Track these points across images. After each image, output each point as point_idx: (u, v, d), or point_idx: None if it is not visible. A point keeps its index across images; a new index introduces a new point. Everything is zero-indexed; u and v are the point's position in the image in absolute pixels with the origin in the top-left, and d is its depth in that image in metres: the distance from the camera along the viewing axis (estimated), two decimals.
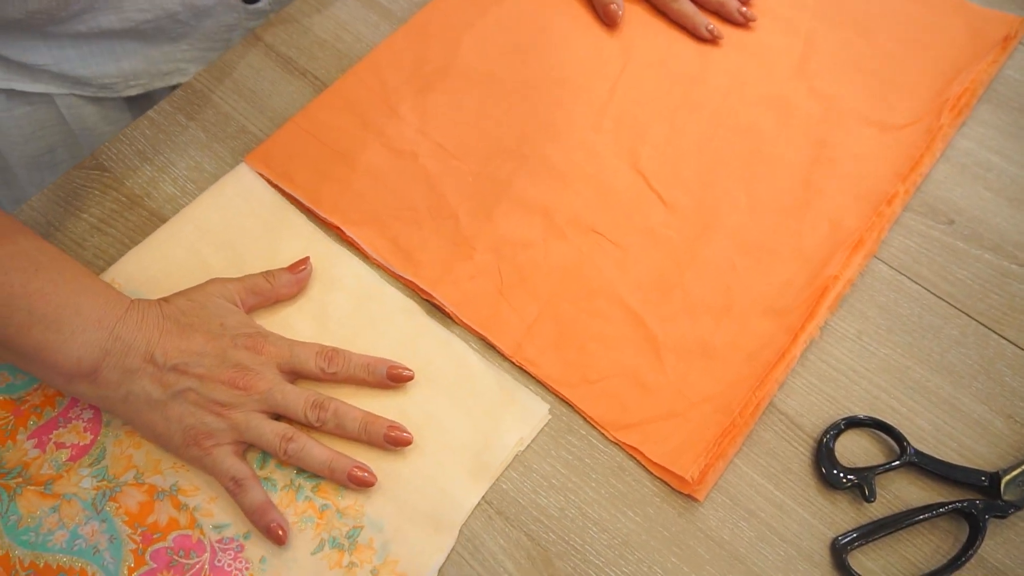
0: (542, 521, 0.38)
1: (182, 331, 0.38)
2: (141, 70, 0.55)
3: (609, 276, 0.45)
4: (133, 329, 0.38)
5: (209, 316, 0.39)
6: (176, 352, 0.37)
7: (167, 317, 0.39)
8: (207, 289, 0.40)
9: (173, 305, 0.39)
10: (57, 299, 0.36)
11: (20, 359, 0.37)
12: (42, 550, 0.37)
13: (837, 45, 0.54)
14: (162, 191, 0.48)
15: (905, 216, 0.48)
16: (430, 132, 0.49)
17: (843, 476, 0.39)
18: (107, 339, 0.37)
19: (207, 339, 0.38)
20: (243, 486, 0.37)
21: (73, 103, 0.55)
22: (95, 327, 0.37)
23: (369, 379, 0.40)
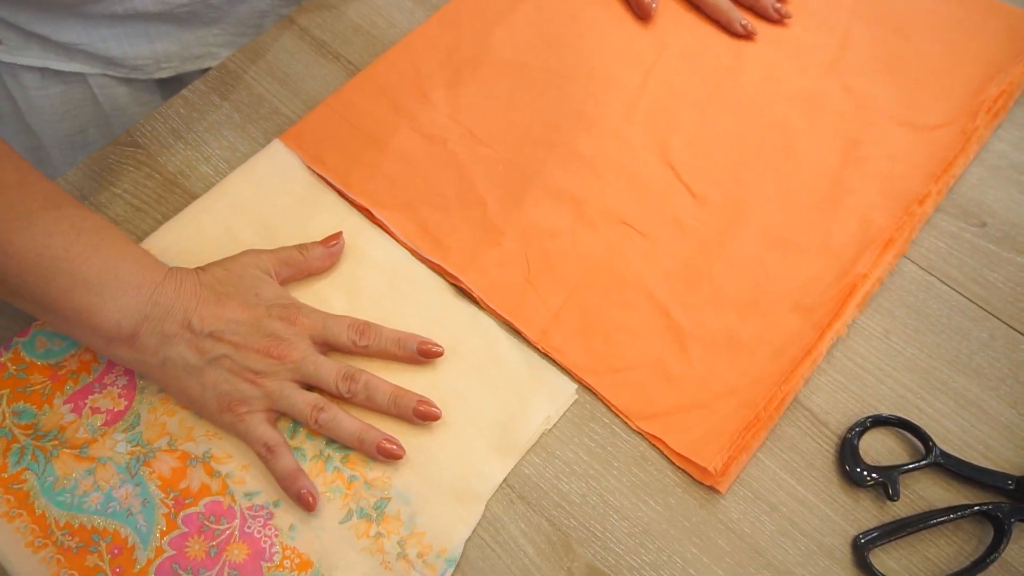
0: (563, 507, 0.38)
1: (218, 299, 0.39)
2: (173, 52, 0.55)
3: (636, 267, 0.44)
4: (171, 295, 0.38)
5: (245, 286, 0.39)
6: (212, 319, 0.38)
7: (204, 285, 0.39)
8: (242, 260, 0.41)
9: (210, 274, 0.40)
10: (98, 263, 0.37)
11: (61, 321, 0.38)
12: (77, 511, 0.38)
13: (872, 44, 0.53)
14: (195, 169, 0.48)
15: (937, 217, 0.47)
16: (461, 119, 0.49)
17: (867, 474, 0.39)
18: (146, 304, 0.37)
19: (242, 308, 0.39)
20: (275, 452, 0.37)
21: (105, 83, 0.56)
22: (134, 292, 0.37)
23: (400, 353, 0.40)
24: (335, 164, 0.47)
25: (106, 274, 0.37)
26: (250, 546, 0.37)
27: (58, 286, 0.36)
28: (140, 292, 0.37)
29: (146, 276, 0.38)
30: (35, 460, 0.39)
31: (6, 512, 0.38)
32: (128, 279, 0.37)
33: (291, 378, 0.38)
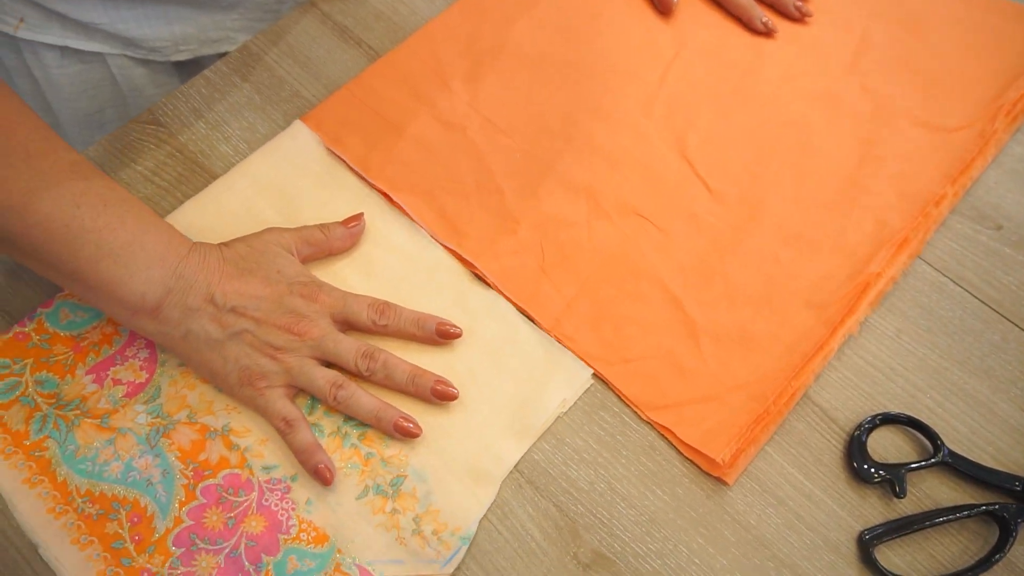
0: (571, 493, 0.39)
1: (241, 275, 0.39)
2: (191, 35, 0.56)
3: (651, 259, 0.45)
4: (195, 269, 0.39)
5: (267, 262, 0.40)
6: (235, 294, 0.39)
7: (227, 260, 0.40)
8: (265, 237, 0.42)
9: (233, 249, 0.40)
10: (124, 235, 0.37)
11: (87, 292, 0.39)
12: (98, 479, 0.38)
13: (892, 44, 0.53)
14: (215, 148, 0.49)
15: (952, 219, 0.47)
16: (480, 108, 0.50)
17: (874, 471, 0.39)
18: (170, 277, 0.38)
19: (264, 284, 0.39)
20: (293, 426, 0.38)
21: (124, 64, 0.56)
22: (159, 264, 0.38)
23: (418, 333, 0.41)
24: (354, 148, 0.48)
25: (132, 246, 0.37)
26: (267, 519, 0.38)
27: (85, 256, 0.37)
28: (165, 265, 0.38)
29: (171, 249, 0.39)
30: (57, 428, 0.40)
31: (28, 478, 0.39)
32: (153, 252, 0.38)
33: (311, 355, 0.39)
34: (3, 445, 0.39)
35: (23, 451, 0.39)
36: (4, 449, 0.39)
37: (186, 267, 0.39)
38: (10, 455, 0.39)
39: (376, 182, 0.47)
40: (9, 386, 0.41)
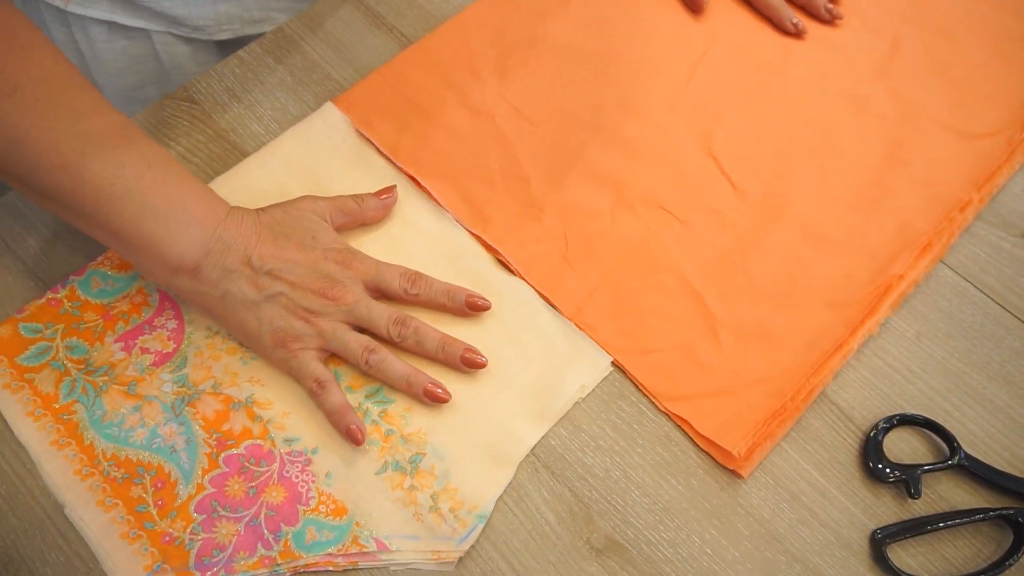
0: (587, 479, 0.39)
1: (277, 239, 0.40)
2: (235, 15, 0.57)
3: (673, 253, 0.45)
4: (233, 231, 0.39)
5: (303, 228, 0.41)
6: (271, 258, 0.39)
7: (264, 225, 0.41)
8: (300, 204, 0.42)
9: (269, 215, 0.41)
10: (166, 195, 0.38)
11: (129, 250, 0.39)
12: (123, 444, 0.39)
13: (922, 50, 0.53)
14: (247, 127, 0.50)
15: (976, 225, 0.47)
16: (509, 96, 0.50)
17: (889, 471, 0.39)
18: (209, 238, 0.39)
19: (300, 249, 0.40)
20: (326, 388, 0.39)
21: (168, 41, 0.57)
22: (199, 226, 0.39)
23: (448, 304, 0.41)
24: (384, 132, 0.48)
25: (174, 205, 0.38)
26: (287, 489, 0.38)
27: (128, 214, 0.37)
28: (204, 226, 0.39)
29: (210, 211, 0.40)
30: (85, 393, 0.41)
31: (56, 440, 0.40)
32: (194, 212, 0.39)
33: (344, 320, 0.40)
34: (33, 407, 0.40)
35: (52, 414, 0.40)
36: (34, 411, 0.40)
37: (225, 229, 0.39)
38: (39, 417, 0.40)
39: (404, 166, 0.47)
40: (40, 350, 0.42)
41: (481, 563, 0.37)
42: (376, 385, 0.41)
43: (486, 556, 0.38)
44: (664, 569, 0.37)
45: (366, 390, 0.41)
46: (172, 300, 0.43)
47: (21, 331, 0.42)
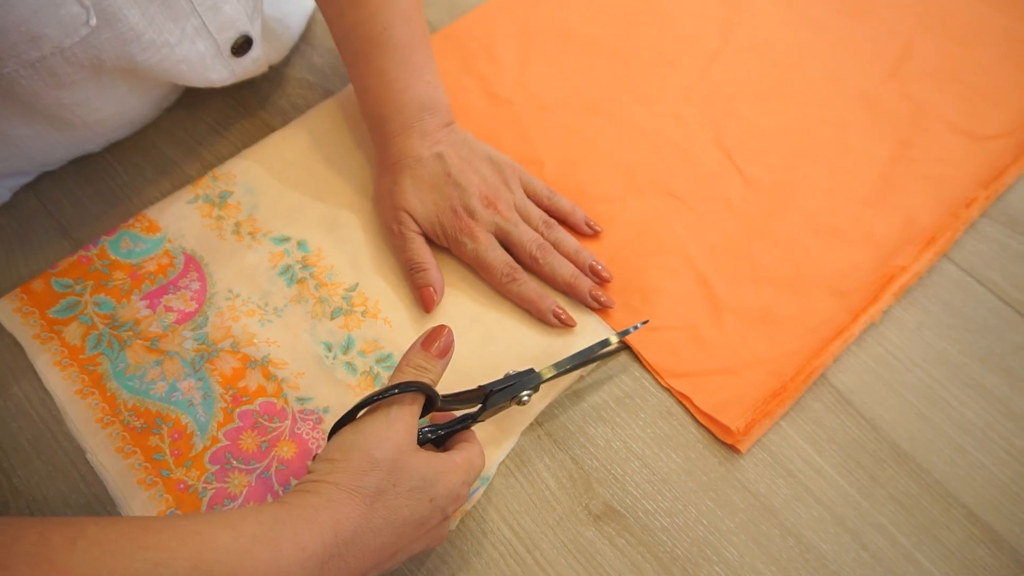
0: (588, 448, 0.40)
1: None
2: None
3: (680, 237, 0.46)
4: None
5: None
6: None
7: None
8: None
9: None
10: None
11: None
12: (144, 396, 0.41)
13: (935, 54, 0.54)
14: (275, 104, 0.52)
15: (982, 222, 0.48)
16: (528, 84, 0.52)
17: None
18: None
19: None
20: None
21: None
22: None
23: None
24: None
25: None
26: (298, 445, 0.40)
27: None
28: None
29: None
30: (110, 347, 0.43)
31: (80, 390, 0.41)
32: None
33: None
34: (60, 357, 0.42)
35: (78, 364, 0.42)
36: (61, 361, 0.42)
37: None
38: (66, 367, 0.42)
39: None
40: (70, 304, 0.44)
41: (482, 523, 0.38)
42: (387, 351, 0.43)
43: (487, 517, 0.39)
44: (660, 537, 0.38)
45: (376, 355, 0.43)
46: (196, 263, 0.45)
47: (53, 285, 0.44)
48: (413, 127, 0.44)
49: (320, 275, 0.45)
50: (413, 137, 0.44)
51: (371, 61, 0.44)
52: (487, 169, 0.45)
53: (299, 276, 0.45)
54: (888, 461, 0.40)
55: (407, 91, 0.44)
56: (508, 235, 0.44)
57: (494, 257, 0.43)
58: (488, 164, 0.45)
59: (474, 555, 0.38)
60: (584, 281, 0.43)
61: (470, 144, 0.46)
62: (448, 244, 0.44)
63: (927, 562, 0.38)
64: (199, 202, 0.47)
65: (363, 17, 0.44)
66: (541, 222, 0.45)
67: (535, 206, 0.45)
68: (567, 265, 0.43)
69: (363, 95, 0.46)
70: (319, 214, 0.47)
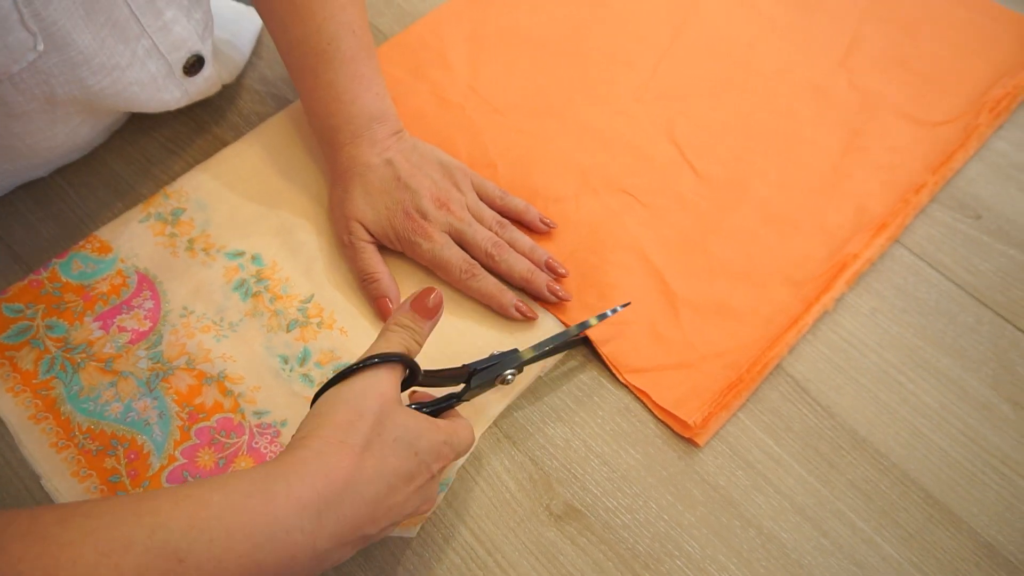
0: (547, 448, 0.40)
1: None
2: None
3: (635, 233, 0.47)
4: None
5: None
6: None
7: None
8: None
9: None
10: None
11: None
12: (99, 418, 0.41)
13: (883, 43, 0.55)
14: (228, 119, 0.52)
15: (932, 207, 0.48)
16: (479, 88, 0.52)
17: None
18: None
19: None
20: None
21: None
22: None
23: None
24: None
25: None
26: (256, 460, 0.40)
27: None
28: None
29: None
30: (63, 370, 0.42)
31: (34, 415, 0.41)
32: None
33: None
34: (12, 383, 0.42)
35: (31, 389, 0.42)
36: (13, 387, 0.42)
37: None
38: (19, 392, 0.42)
39: None
40: (21, 329, 0.43)
41: (443, 528, 0.38)
42: (344, 361, 0.43)
43: (447, 522, 0.38)
44: (621, 534, 0.38)
45: (333, 366, 0.42)
46: (150, 281, 0.45)
47: (3, 311, 0.44)
48: (362, 136, 0.45)
49: (275, 288, 0.45)
50: (363, 146, 0.44)
51: (319, 74, 0.44)
52: (437, 173, 0.45)
53: (254, 290, 0.45)
54: (846, 447, 0.41)
55: (355, 102, 0.44)
56: (462, 234, 0.44)
57: (451, 254, 0.43)
58: (438, 168, 0.45)
59: (435, 561, 0.37)
60: (541, 276, 0.43)
61: (420, 150, 0.46)
62: (403, 247, 0.44)
63: (887, 546, 0.38)
64: (151, 220, 0.47)
65: (308, 31, 0.44)
66: (495, 222, 0.45)
67: (488, 207, 0.46)
68: (523, 261, 0.43)
69: (312, 108, 0.46)
70: (273, 226, 0.47)
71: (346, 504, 0.29)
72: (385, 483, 0.31)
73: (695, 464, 0.40)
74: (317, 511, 0.29)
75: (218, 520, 0.27)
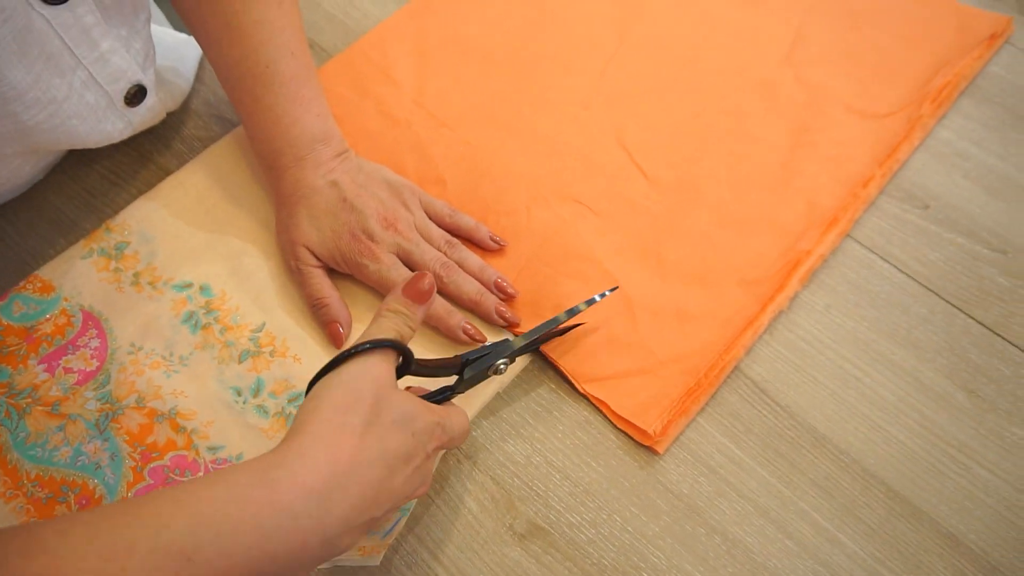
0: (508, 466, 0.40)
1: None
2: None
3: (588, 241, 0.46)
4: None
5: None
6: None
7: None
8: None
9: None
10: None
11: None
12: (48, 464, 0.39)
13: (827, 36, 0.55)
14: (171, 147, 0.51)
15: (881, 200, 0.49)
16: (425, 103, 0.52)
17: None
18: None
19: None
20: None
21: None
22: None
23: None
24: None
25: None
26: None
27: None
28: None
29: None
30: (8, 417, 0.41)
31: None
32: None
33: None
34: None
35: None
36: None
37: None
38: None
39: None
40: None
41: (405, 555, 0.38)
42: (299, 389, 0.42)
43: (410, 548, 0.38)
44: (586, 550, 0.38)
45: (288, 395, 0.42)
46: (95, 319, 0.44)
47: None
48: (306, 159, 0.44)
49: (225, 318, 0.44)
50: (306, 168, 0.44)
51: (258, 98, 0.44)
52: (384, 192, 0.44)
53: (203, 322, 0.44)
54: (806, 446, 0.41)
55: (297, 125, 0.44)
56: (410, 255, 0.43)
57: (398, 276, 0.42)
58: (385, 187, 0.45)
59: None
60: (490, 298, 0.43)
61: (365, 170, 0.45)
62: (350, 270, 0.43)
63: (851, 543, 0.38)
64: (94, 256, 0.46)
65: (245, 54, 0.43)
66: (443, 242, 0.44)
67: (436, 226, 0.45)
68: (472, 283, 0.43)
69: (253, 132, 0.45)
70: (222, 255, 0.46)
71: (352, 486, 0.29)
72: (386, 464, 0.31)
73: (657, 473, 0.40)
74: (323, 495, 0.28)
75: (223, 514, 0.27)
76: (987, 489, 0.39)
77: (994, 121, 0.52)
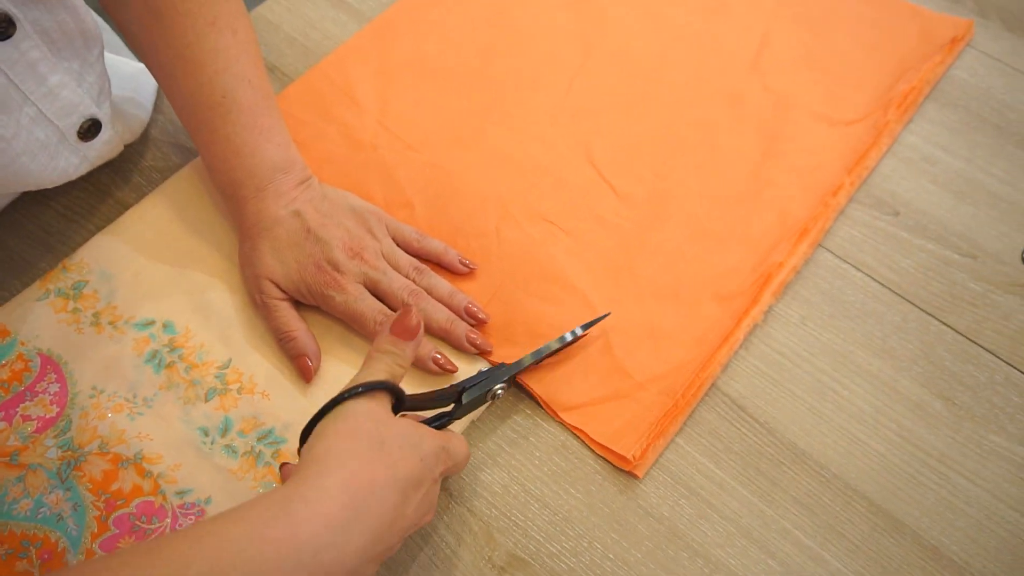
0: (485, 497, 0.39)
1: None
2: None
3: (560, 262, 0.46)
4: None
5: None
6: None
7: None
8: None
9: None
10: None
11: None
12: (7, 518, 0.38)
13: (792, 44, 0.55)
14: (129, 180, 0.49)
15: (852, 207, 0.49)
16: (390, 125, 0.51)
17: None
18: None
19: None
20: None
21: None
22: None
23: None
24: None
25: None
26: None
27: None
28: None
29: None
30: None
31: None
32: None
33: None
34: None
35: None
36: None
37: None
38: None
39: None
40: None
41: None
42: (269, 426, 0.41)
43: None
44: None
45: (257, 432, 0.40)
46: (54, 363, 0.42)
47: None
48: (267, 189, 0.43)
49: (190, 356, 0.43)
50: (268, 199, 0.43)
51: (215, 128, 0.43)
52: (349, 220, 0.43)
53: (167, 360, 0.43)
54: (787, 463, 0.40)
55: (256, 155, 0.43)
56: (378, 284, 0.42)
57: (366, 307, 0.41)
58: (350, 215, 0.44)
59: None
60: (460, 325, 0.42)
61: (329, 197, 0.44)
62: (316, 302, 0.42)
63: (835, 560, 0.38)
64: (51, 297, 0.44)
65: (200, 84, 0.42)
66: (412, 268, 0.43)
67: (404, 253, 0.44)
68: (442, 310, 0.42)
69: (212, 163, 0.44)
70: (185, 290, 0.45)
71: (371, 514, 0.29)
72: (399, 490, 0.31)
73: (638, 497, 0.39)
74: (343, 525, 0.29)
75: (243, 554, 0.27)
76: (967, 499, 0.39)
77: (959, 125, 0.52)
